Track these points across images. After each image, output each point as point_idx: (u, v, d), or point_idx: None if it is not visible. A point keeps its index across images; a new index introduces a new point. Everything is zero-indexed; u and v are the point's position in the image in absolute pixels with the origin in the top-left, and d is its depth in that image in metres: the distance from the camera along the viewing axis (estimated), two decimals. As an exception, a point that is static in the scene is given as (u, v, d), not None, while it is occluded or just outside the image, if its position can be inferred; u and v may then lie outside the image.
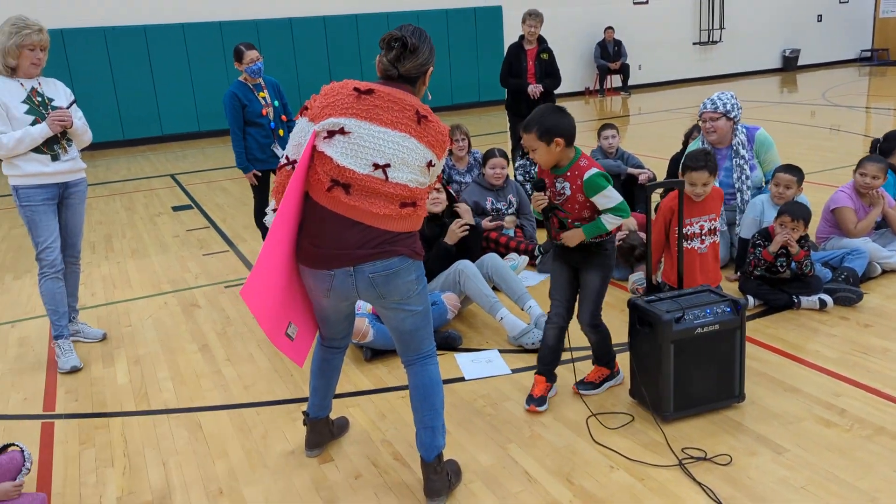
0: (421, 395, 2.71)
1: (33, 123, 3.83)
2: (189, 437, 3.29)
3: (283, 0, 13.43)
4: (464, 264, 4.17)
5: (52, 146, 3.92)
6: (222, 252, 6.21)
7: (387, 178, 2.45)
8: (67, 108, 3.94)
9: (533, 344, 3.89)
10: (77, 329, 4.39)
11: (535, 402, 3.29)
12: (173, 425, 3.40)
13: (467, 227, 4.30)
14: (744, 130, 4.83)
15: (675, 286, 3.97)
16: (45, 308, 4.10)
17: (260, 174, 5.36)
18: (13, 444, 2.65)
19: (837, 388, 3.31)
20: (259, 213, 5.54)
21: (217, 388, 3.74)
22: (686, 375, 3.06)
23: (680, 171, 4.10)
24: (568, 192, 3.08)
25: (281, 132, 5.36)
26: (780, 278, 4.25)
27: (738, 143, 4.78)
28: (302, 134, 2.52)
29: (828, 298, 4.15)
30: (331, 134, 2.45)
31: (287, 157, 2.56)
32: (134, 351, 4.26)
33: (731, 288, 4.54)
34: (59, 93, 4.00)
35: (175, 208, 8.03)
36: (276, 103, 5.37)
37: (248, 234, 6.69)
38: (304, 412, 3.09)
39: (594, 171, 3.04)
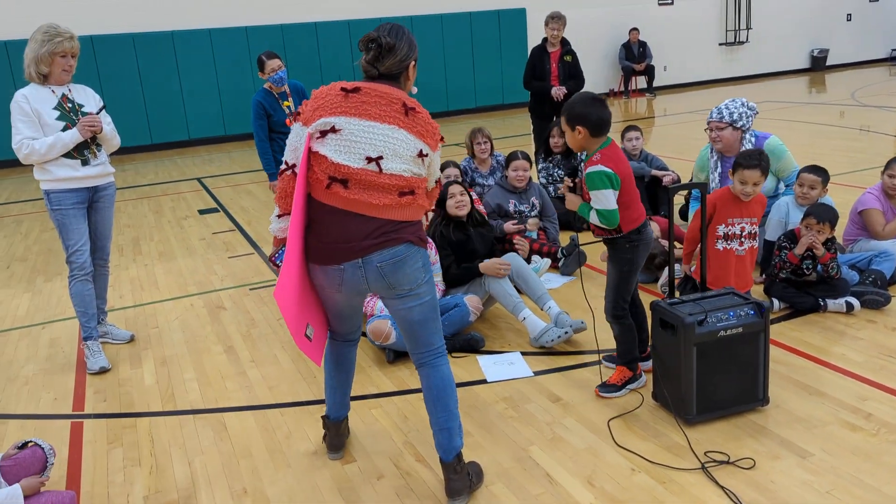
0: (434, 396, 2.73)
1: (64, 129, 3.92)
2: (214, 436, 3.34)
3: (308, 4, 13.55)
4: None
5: (82, 151, 4.00)
6: (247, 255, 6.29)
7: (381, 169, 2.53)
8: (97, 113, 4.02)
9: (553, 342, 3.91)
10: (105, 330, 4.47)
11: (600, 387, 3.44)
12: (199, 425, 3.45)
13: (508, 270, 4.22)
14: (752, 139, 4.73)
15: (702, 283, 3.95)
16: (75, 310, 4.18)
17: None
18: (31, 441, 2.71)
19: (864, 392, 3.27)
20: None
21: (242, 389, 3.79)
22: (709, 378, 3.04)
23: (731, 169, 3.99)
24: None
25: None
26: (805, 281, 4.21)
27: None
28: (297, 138, 2.60)
29: (855, 301, 4.09)
30: (323, 134, 2.53)
31: (286, 163, 2.64)
32: (161, 352, 4.33)
33: (755, 290, 4.49)
34: (89, 99, 4.09)
35: (201, 211, 8.14)
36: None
37: (273, 237, 6.75)
38: (323, 416, 3.12)
39: (598, 168, 3.09)
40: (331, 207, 2.56)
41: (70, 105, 3.98)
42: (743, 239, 3.93)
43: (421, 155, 2.59)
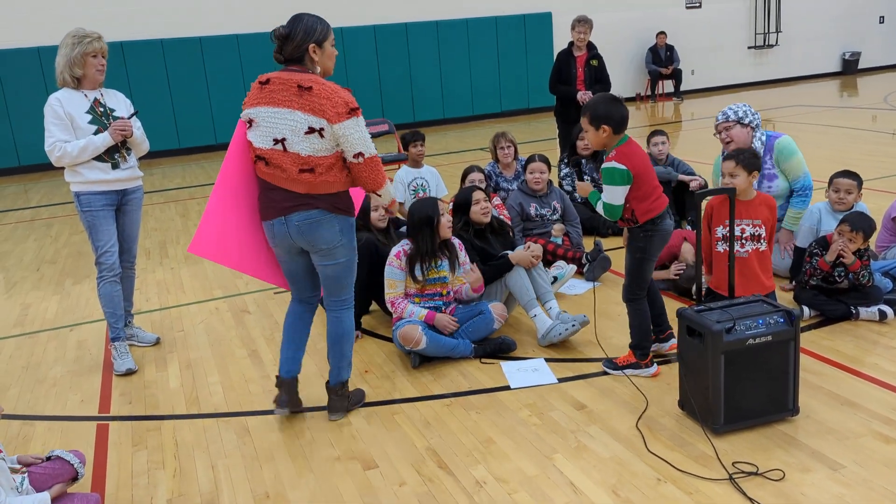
0: (333, 340, 3.36)
1: (96, 133, 3.98)
2: (237, 440, 3.35)
3: (336, 10, 13.62)
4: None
5: (112, 155, 4.06)
6: (272, 259, 6.31)
7: (285, 149, 3.02)
8: (128, 118, 4.07)
9: (560, 335, 3.93)
10: (132, 333, 4.51)
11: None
12: (222, 429, 3.47)
13: (539, 258, 4.27)
14: (763, 138, 4.68)
15: (718, 293, 3.91)
16: (103, 311, 4.23)
17: None
18: (55, 454, 2.75)
19: (898, 403, 3.19)
20: None
21: (265, 393, 3.80)
22: (737, 387, 2.98)
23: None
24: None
25: None
26: (837, 288, 4.12)
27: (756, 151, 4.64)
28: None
29: (888, 310, 4.00)
30: (248, 123, 3.13)
31: None
32: (186, 355, 4.35)
33: (785, 298, 4.41)
34: (120, 104, 4.16)
35: (228, 215, 8.18)
36: None
37: (298, 241, 6.78)
38: (276, 375, 3.45)
39: (613, 164, 3.31)
40: (260, 179, 3.18)
41: (102, 109, 4.04)
42: (744, 241, 3.90)
43: (314, 131, 2.95)
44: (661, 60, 15.66)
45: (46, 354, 4.55)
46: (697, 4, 16.69)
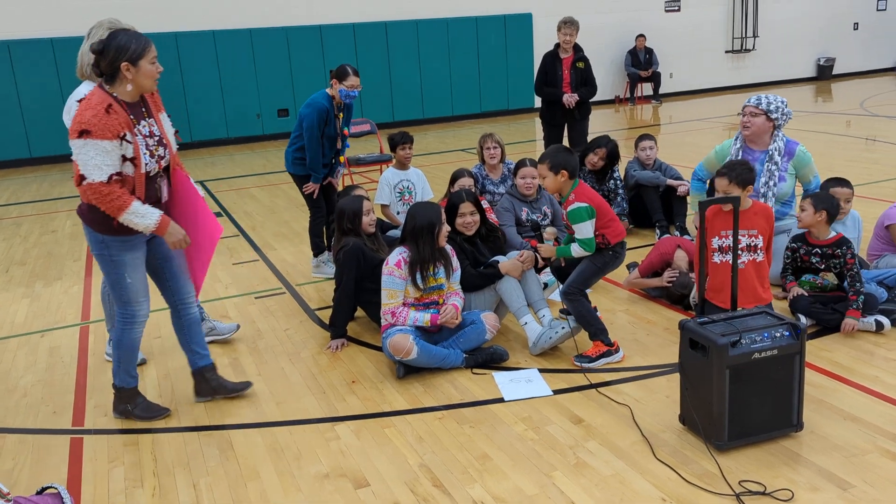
0: (112, 349, 3.47)
1: None
2: (220, 456, 3.19)
3: (312, 7, 13.42)
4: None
5: None
6: (252, 261, 6.14)
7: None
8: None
9: (550, 340, 3.85)
10: (211, 326, 4.37)
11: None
12: (204, 444, 3.30)
13: (530, 263, 4.18)
14: (784, 140, 4.65)
15: (713, 303, 3.85)
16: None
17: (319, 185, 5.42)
18: (51, 487, 2.58)
19: (901, 418, 3.13)
20: (316, 224, 5.47)
21: (248, 404, 3.64)
22: (742, 403, 2.90)
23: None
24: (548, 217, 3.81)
25: (342, 159, 5.53)
26: (831, 296, 4.08)
27: (775, 150, 4.62)
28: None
29: (885, 320, 3.95)
30: None
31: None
32: (164, 364, 4.17)
33: (778, 306, 4.35)
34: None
35: (204, 216, 7.98)
36: (348, 128, 5.45)
37: (278, 243, 6.62)
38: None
39: (579, 205, 3.69)
40: None
41: None
42: (740, 251, 3.85)
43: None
44: (641, 63, 15.68)
45: (16, 362, 4.34)
46: (676, 8, 16.74)
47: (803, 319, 4.05)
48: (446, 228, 3.90)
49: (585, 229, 3.69)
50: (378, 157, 8.49)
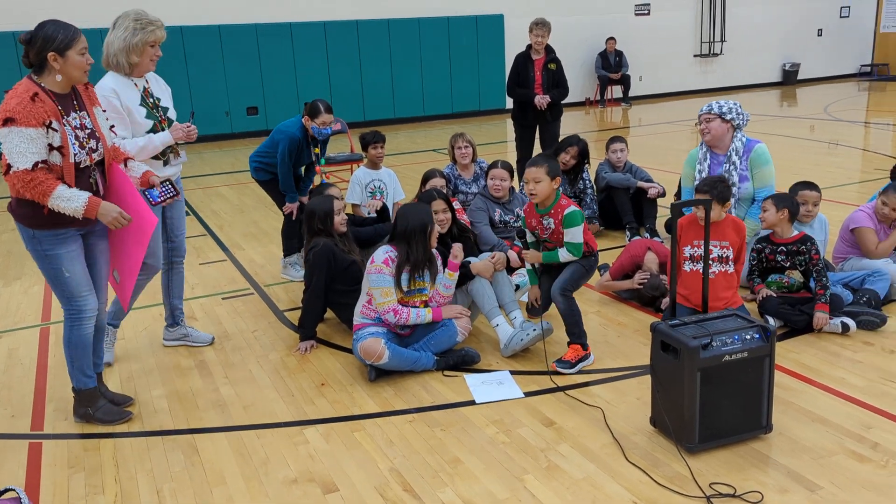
0: (63, 348, 3.38)
1: (153, 129, 3.74)
2: (185, 461, 3.11)
3: (282, 5, 13.28)
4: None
5: (165, 151, 3.85)
6: (220, 261, 6.03)
7: None
8: (192, 121, 3.85)
9: (521, 342, 3.84)
10: (185, 332, 4.28)
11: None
12: (168, 448, 3.22)
13: (502, 265, 4.16)
14: (743, 139, 4.73)
15: (685, 306, 3.88)
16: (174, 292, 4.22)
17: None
18: (10, 489, 2.49)
19: (868, 420, 3.16)
20: (290, 227, 5.36)
21: (215, 408, 3.57)
22: (712, 405, 2.90)
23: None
24: (552, 226, 3.77)
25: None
26: (798, 297, 4.13)
27: (733, 150, 4.72)
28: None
29: (850, 322, 4.00)
30: None
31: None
32: (127, 367, 4.07)
33: (747, 307, 4.38)
34: (163, 91, 3.94)
35: (170, 214, 7.84)
36: (323, 161, 5.36)
37: (246, 243, 6.52)
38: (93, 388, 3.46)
39: (574, 209, 3.73)
40: None
41: (152, 100, 3.79)
42: (710, 262, 3.92)
43: None
44: (611, 66, 15.79)
45: (-28, 364, 4.20)
46: (646, 12, 16.89)
47: (772, 321, 4.09)
48: (437, 229, 3.87)
49: (578, 234, 3.72)
50: (349, 157, 8.42)
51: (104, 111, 3.38)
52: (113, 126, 3.49)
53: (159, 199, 3.45)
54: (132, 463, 3.12)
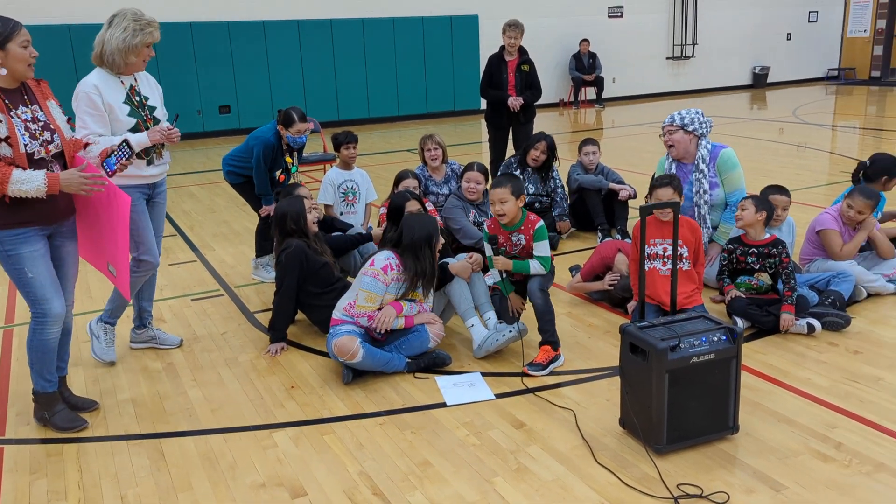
0: (27, 350, 3.33)
1: (135, 128, 3.66)
2: (151, 466, 3.07)
3: (256, 4, 13.17)
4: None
5: (148, 151, 3.76)
6: (189, 262, 5.96)
7: None
8: (173, 123, 3.75)
9: (496, 343, 3.84)
10: (153, 335, 4.22)
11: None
12: (133, 453, 3.17)
13: (479, 265, 4.16)
14: (708, 146, 4.78)
15: (650, 303, 3.96)
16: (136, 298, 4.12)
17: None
18: None
19: (832, 420, 3.20)
20: (265, 231, 5.30)
21: (182, 411, 3.52)
22: (680, 406, 2.92)
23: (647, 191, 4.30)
24: (523, 242, 3.97)
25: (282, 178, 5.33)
26: (766, 298, 4.18)
27: (700, 159, 4.77)
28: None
29: (816, 323, 4.06)
30: None
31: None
32: (93, 369, 4.00)
33: (715, 309, 4.43)
34: (153, 90, 3.86)
35: (140, 214, 7.73)
36: (295, 169, 5.33)
37: (216, 243, 6.45)
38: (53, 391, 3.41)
39: (541, 222, 3.96)
40: None
41: (138, 99, 3.72)
42: (665, 259, 4.04)
43: None
44: (584, 67, 15.89)
45: (-69, 368, 4.11)
46: (619, 14, 17.03)
47: (740, 322, 4.13)
48: (442, 240, 3.86)
49: (547, 247, 3.95)
50: (322, 157, 8.37)
51: (60, 106, 3.33)
52: (70, 119, 3.46)
53: (116, 166, 3.36)
54: (96, 468, 3.07)
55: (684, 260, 4.07)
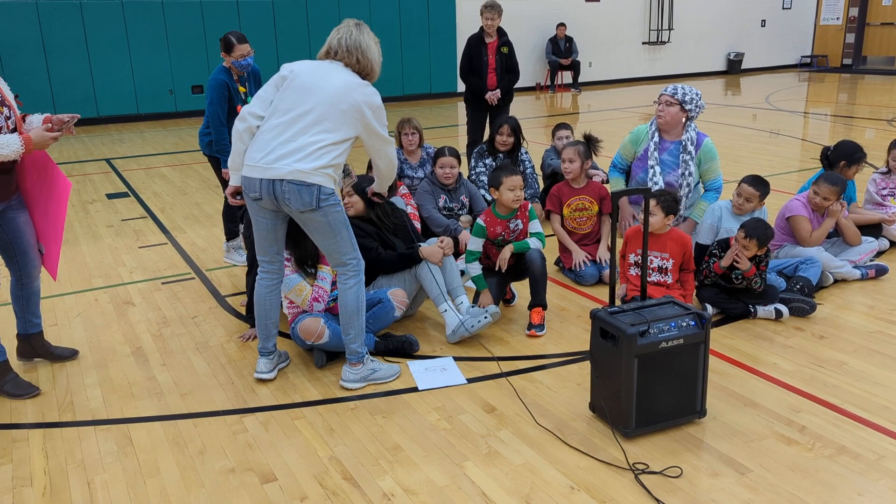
0: None
1: None
2: (118, 452, 3.04)
3: (229, -20, 12.95)
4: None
5: None
6: (160, 245, 5.89)
7: None
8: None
9: (472, 328, 3.83)
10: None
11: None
12: (101, 438, 3.14)
13: (451, 250, 4.14)
14: (694, 133, 4.80)
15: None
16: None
17: None
18: None
19: (796, 403, 3.26)
20: (231, 208, 5.21)
21: (151, 396, 3.48)
22: (649, 391, 2.96)
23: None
24: (521, 227, 4.18)
25: None
26: (735, 287, 4.22)
27: (688, 140, 4.77)
28: None
29: (784, 309, 4.12)
30: None
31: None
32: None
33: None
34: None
35: (110, 196, 7.62)
36: (251, 99, 5.14)
37: (188, 226, 6.37)
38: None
39: (531, 205, 4.23)
40: None
41: None
42: (650, 271, 4.09)
43: None
44: (561, 52, 15.87)
45: None
46: (596, -2, 17.01)
47: (710, 309, 4.18)
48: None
49: (539, 224, 4.23)
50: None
51: (7, 84, 3.39)
52: (17, 96, 3.50)
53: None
54: (62, 454, 3.03)
55: (667, 273, 4.08)
